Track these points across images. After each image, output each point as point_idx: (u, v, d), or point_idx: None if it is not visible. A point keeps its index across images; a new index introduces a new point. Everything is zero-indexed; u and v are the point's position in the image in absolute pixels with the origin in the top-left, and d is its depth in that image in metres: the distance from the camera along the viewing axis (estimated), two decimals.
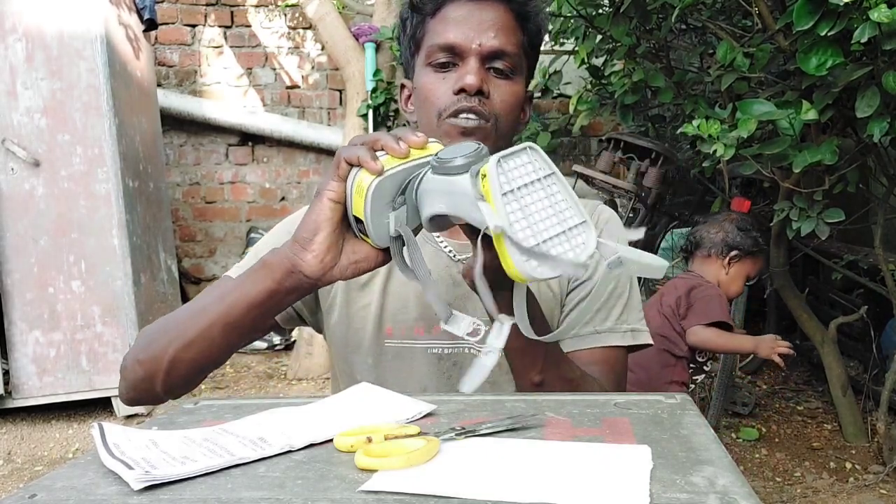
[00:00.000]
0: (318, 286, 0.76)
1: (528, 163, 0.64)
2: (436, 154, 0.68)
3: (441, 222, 0.70)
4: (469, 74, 0.92)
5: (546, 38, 1.15)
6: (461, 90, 0.92)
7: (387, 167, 0.69)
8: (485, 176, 0.62)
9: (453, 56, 0.94)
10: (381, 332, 1.00)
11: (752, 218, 2.24)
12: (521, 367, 0.84)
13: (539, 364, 0.83)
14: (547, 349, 0.83)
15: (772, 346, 2.05)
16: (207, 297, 0.84)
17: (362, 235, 0.73)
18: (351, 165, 0.70)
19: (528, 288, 0.74)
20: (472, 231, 0.67)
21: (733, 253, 2.16)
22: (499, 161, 0.62)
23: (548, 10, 2.28)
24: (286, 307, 0.83)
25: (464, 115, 0.92)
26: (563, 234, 0.63)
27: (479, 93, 0.92)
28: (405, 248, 0.70)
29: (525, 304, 0.71)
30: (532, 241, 0.61)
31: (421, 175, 0.69)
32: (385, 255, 0.75)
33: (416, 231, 0.71)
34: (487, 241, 0.65)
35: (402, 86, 1.06)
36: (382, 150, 0.70)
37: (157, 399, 0.89)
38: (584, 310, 0.95)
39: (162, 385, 0.85)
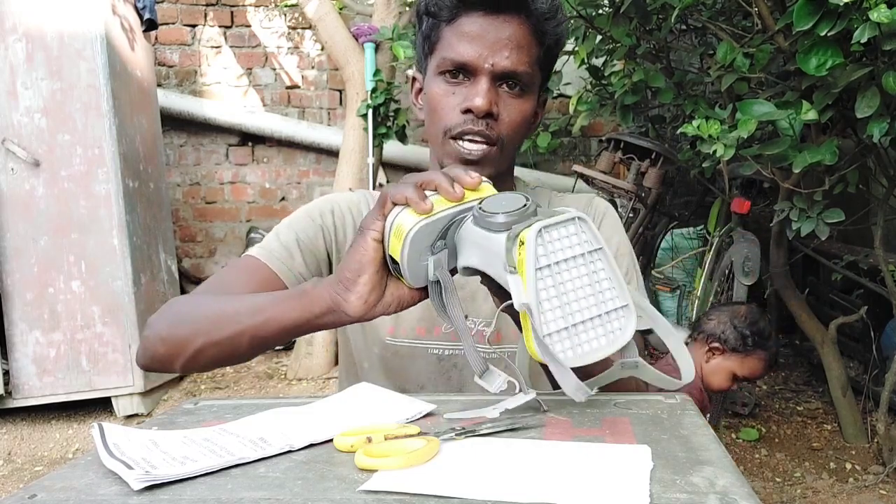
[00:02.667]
0: (360, 322, 0.74)
1: (573, 234, 0.58)
2: (480, 202, 0.63)
3: (476, 271, 0.66)
4: (478, 97, 0.90)
5: None
6: (469, 110, 0.91)
7: (436, 208, 0.65)
8: (523, 243, 0.57)
9: (465, 71, 0.93)
10: (383, 329, 1.02)
11: (763, 315, 2.02)
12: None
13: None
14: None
15: None
16: (242, 303, 0.83)
17: (397, 275, 0.70)
18: (395, 205, 0.68)
19: None
20: (497, 285, 0.63)
21: (714, 344, 1.99)
22: (540, 231, 0.57)
23: None
24: (318, 331, 0.83)
25: (469, 138, 0.92)
26: (599, 318, 0.59)
27: (488, 114, 0.91)
28: (443, 293, 0.66)
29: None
30: (560, 323, 0.57)
31: (462, 221, 0.65)
32: (426, 292, 0.72)
33: (452, 273, 0.68)
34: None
35: (414, 78, 1.05)
36: (435, 190, 0.67)
37: (172, 372, 0.92)
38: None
39: (181, 367, 0.87)
